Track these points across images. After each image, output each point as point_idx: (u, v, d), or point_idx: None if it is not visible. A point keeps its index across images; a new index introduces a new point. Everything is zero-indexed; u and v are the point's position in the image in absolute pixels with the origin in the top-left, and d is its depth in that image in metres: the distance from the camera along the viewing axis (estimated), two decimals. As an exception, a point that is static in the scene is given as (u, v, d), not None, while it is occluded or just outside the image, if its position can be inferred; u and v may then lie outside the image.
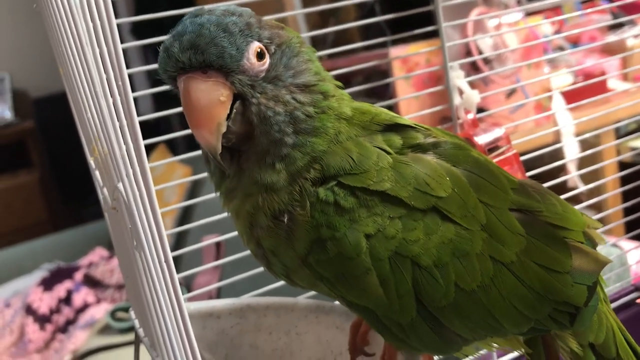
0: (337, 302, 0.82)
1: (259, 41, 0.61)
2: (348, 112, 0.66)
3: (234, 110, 0.60)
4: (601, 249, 1.34)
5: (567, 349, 0.72)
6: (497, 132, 0.96)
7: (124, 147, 0.50)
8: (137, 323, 0.72)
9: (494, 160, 0.95)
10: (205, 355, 0.68)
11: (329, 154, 0.62)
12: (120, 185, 0.54)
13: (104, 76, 0.46)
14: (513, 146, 0.98)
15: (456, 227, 0.62)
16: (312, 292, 0.89)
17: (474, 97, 0.98)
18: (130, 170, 0.50)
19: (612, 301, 1.20)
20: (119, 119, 0.46)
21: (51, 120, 4.27)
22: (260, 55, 0.61)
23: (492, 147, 0.95)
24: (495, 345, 0.71)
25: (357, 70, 1.05)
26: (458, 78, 0.99)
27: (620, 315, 1.20)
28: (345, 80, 1.03)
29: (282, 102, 0.62)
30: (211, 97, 0.59)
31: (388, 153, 0.64)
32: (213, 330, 0.80)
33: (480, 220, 0.63)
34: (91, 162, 0.71)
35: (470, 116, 0.98)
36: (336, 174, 0.61)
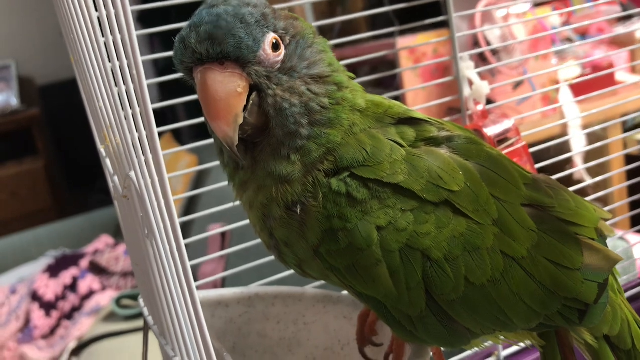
0: (345, 292, 0.82)
1: (274, 32, 0.61)
2: (362, 104, 0.66)
3: (251, 101, 0.60)
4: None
5: (581, 341, 0.71)
6: (507, 124, 0.95)
7: (136, 135, 0.50)
8: (146, 311, 0.72)
9: (504, 152, 0.95)
10: (215, 344, 0.68)
11: (343, 146, 0.62)
12: (132, 174, 0.54)
13: (118, 64, 0.46)
14: (522, 138, 0.98)
15: (468, 221, 0.62)
16: (320, 282, 0.90)
17: (484, 88, 0.97)
18: (143, 159, 0.50)
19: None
20: (132, 108, 0.46)
21: (57, 107, 4.28)
22: (275, 47, 0.61)
23: (502, 139, 0.95)
24: (503, 338, 0.71)
25: (364, 60, 1.04)
26: (468, 69, 0.99)
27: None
28: (352, 70, 1.03)
29: (298, 94, 0.62)
30: (229, 88, 0.58)
31: (401, 146, 0.63)
32: (222, 319, 0.80)
33: (492, 214, 0.63)
34: (102, 150, 0.71)
35: (480, 107, 0.98)
36: (349, 165, 0.61)
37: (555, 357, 0.71)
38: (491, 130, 0.94)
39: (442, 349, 0.78)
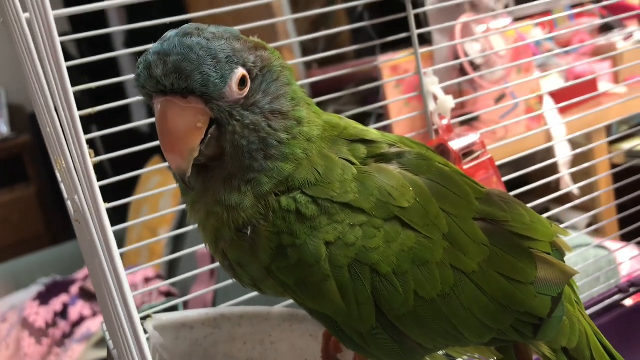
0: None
1: (243, 66, 0.60)
2: (318, 134, 0.65)
3: (209, 135, 0.60)
4: (586, 250, 1.35)
5: (540, 354, 0.71)
6: (472, 137, 0.96)
7: (77, 161, 0.50)
8: (107, 335, 0.72)
9: (469, 166, 0.95)
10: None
11: (295, 169, 0.62)
12: (76, 198, 0.54)
13: (48, 94, 0.46)
14: (488, 151, 0.98)
15: (417, 235, 0.62)
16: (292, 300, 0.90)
17: (449, 102, 0.98)
18: (84, 183, 0.51)
19: (598, 302, 1.20)
20: (65, 136, 0.47)
21: (47, 134, 4.27)
22: (242, 82, 0.60)
23: (467, 152, 0.95)
24: (465, 352, 0.71)
25: (349, 78, 1.05)
26: (432, 84, 0.99)
27: (606, 317, 1.20)
28: (337, 87, 1.04)
29: (256, 130, 0.61)
30: (188, 123, 0.58)
31: (353, 164, 0.64)
32: (186, 341, 0.80)
33: (442, 229, 0.63)
34: (58, 175, 0.72)
35: (445, 122, 0.98)
36: (301, 186, 0.62)
37: None
38: (456, 144, 0.94)
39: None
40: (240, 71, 0.59)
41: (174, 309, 0.97)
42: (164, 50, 0.57)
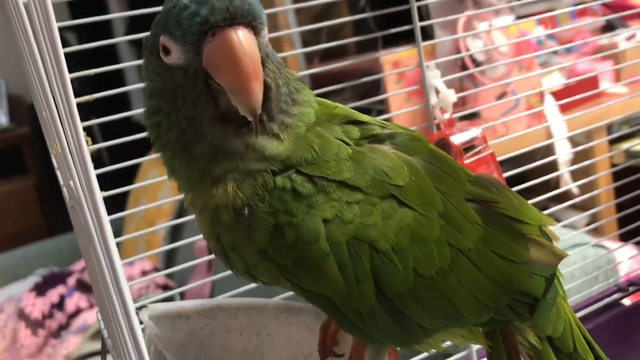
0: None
1: None
2: (314, 103, 0.67)
3: None
4: (585, 249, 1.34)
5: (525, 344, 0.72)
6: (473, 132, 0.95)
7: (72, 146, 0.50)
8: (102, 324, 0.72)
9: (470, 160, 0.95)
10: (169, 357, 0.67)
11: (293, 145, 0.62)
12: (71, 183, 0.54)
13: (44, 76, 0.45)
14: (490, 146, 0.98)
15: (414, 213, 0.62)
16: (289, 293, 0.89)
17: (450, 96, 0.97)
18: (79, 168, 0.50)
19: (597, 301, 1.20)
20: (61, 120, 0.46)
21: (46, 126, 4.26)
22: None
23: (468, 147, 0.95)
24: (459, 337, 0.71)
25: (350, 74, 1.05)
26: (434, 77, 0.99)
27: (605, 315, 1.20)
28: (338, 82, 1.04)
29: (282, 75, 0.62)
30: (257, 51, 0.57)
31: (347, 144, 0.64)
32: (182, 332, 0.79)
33: (437, 208, 0.63)
34: (54, 161, 0.71)
35: (447, 116, 0.97)
36: (297, 164, 0.61)
37: (501, 356, 0.71)
38: (457, 139, 0.94)
39: (399, 356, 0.77)
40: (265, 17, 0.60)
41: (170, 300, 0.97)
42: None
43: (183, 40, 0.57)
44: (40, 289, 2.76)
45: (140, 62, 0.95)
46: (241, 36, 0.56)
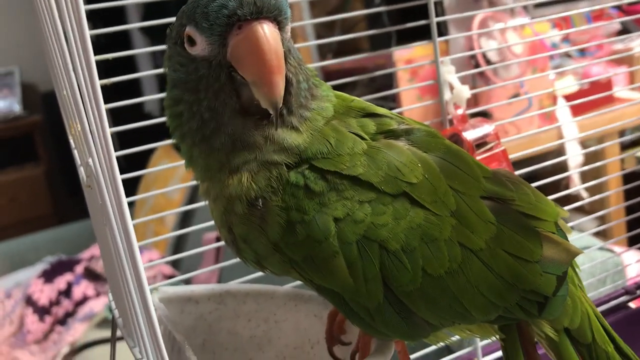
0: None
1: None
2: (333, 96, 0.68)
3: None
4: (593, 252, 1.34)
5: (542, 335, 0.71)
6: (486, 129, 0.95)
7: (92, 123, 0.50)
8: (113, 305, 0.72)
9: (482, 156, 0.95)
10: (178, 336, 0.68)
11: (309, 138, 0.63)
12: (90, 161, 0.54)
13: (67, 52, 0.46)
14: (502, 143, 0.98)
15: (425, 212, 0.62)
16: (297, 282, 0.90)
17: (464, 92, 0.97)
18: (99, 146, 0.51)
19: (604, 303, 1.20)
20: (81, 94, 0.47)
21: (59, 114, 4.28)
22: None
23: (480, 143, 0.95)
24: (468, 332, 0.71)
25: (363, 70, 1.05)
26: (449, 73, 0.99)
27: (612, 317, 1.20)
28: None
29: (302, 70, 0.64)
30: (282, 46, 0.59)
31: (362, 139, 0.64)
32: (191, 315, 0.80)
33: (450, 206, 0.63)
34: (71, 141, 0.72)
35: (460, 111, 0.98)
36: (312, 157, 0.62)
37: (516, 350, 0.71)
38: (470, 135, 0.94)
39: (406, 346, 0.77)
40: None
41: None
42: None
43: (209, 32, 0.58)
44: (48, 276, 2.78)
45: (153, 49, 0.96)
46: (267, 30, 0.57)
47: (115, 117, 0.89)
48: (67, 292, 2.73)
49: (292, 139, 0.62)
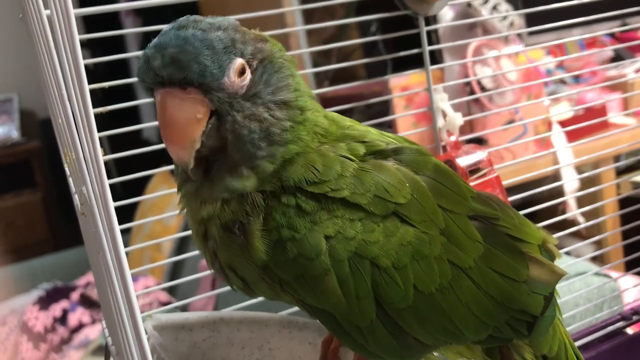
0: (311, 319, 0.81)
1: (241, 57, 0.60)
2: (324, 123, 0.67)
3: (209, 125, 0.60)
4: (589, 277, 1.34)
5: None
6: (479, 155, 0.96)
7: (86, 151, 0.51)
8: (106, 332, 0.72)
9: (476, 183, 0.95)
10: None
11: (290, 165, 0.63)
12: (84, 189, 0.55)
13: (62, 80, 0.47)
14: (497, 169, 0.98)
15: (415, 230, 0.63)
16: (294, 308, 0.89)
17: (457, 119, 0.98)
18: (92, 174, 0.51)
19: (601, 329, 1.19)
20: (76, 123, 0.47)
21: (56, 140, 4.30)
22: (241, 72, 0.60)
23: (474, 169, 0.96)
24: (458, 354, 0.71)
25: (360, 97, 1.06)
26: (442, 101, 1.00)
27: (608, 343, 1.19)
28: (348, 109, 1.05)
29: (259, 120, 0.61)
30: (188, 114, 0.58)
31: (351, 160, 0.64)
32: (185, 343, 0.79)
33: (439, 224, 0.64)
34: (66, 169, 0.72)
35: (453, 138, 0.99)
36: (296, 184, 0.62)
37: None
38: (463, 161, 0.95)
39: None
40: (239, 61, 0.59)
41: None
42: (160, 44, 0.58)
43: (143, 88, 0.61)
44: (44, 303, 2.77)
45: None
46: (168, 102, 0.58)
47: (114, 143, 0.90)
48: (62, 319, 2.71)
49: (237, 184, 0.62)
